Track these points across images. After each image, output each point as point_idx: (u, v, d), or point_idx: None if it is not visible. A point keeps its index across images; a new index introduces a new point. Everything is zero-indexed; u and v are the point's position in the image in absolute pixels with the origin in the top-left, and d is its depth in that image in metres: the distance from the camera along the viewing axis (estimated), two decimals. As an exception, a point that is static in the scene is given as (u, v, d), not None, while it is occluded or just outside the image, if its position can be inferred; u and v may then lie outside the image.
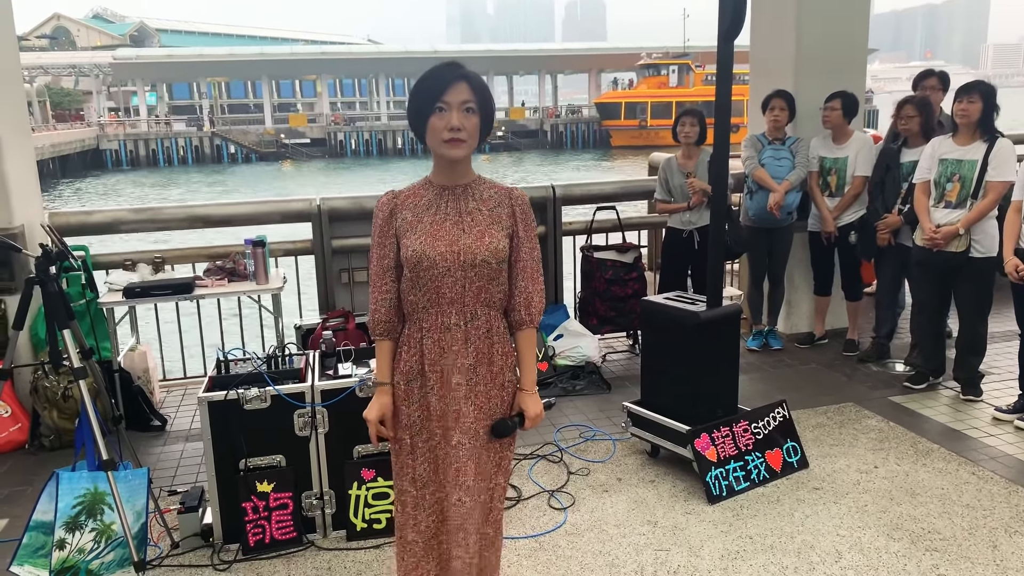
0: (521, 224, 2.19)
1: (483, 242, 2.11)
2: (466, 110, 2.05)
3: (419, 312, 2.16)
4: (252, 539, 3.11)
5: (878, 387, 4.74)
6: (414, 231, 2.12)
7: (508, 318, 2.24)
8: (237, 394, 3.07)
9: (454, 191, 2.16)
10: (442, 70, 2.07)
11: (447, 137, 2.05)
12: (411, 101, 2.10)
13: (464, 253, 2.10)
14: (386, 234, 2.17)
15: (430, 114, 2.05)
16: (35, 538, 2.82)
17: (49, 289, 2.86)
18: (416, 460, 2.23)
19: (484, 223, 2.14)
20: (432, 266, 2.09)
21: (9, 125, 4.28)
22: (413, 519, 2.25)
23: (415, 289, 2.14)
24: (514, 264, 2.20)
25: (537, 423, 2.26)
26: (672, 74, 53.04)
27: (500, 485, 2.29)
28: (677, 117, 5.21)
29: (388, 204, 2.18)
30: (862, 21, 5.49)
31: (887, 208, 4.82)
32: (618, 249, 5.46)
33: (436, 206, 2.15)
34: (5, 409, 4.17)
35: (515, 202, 2.20)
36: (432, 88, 2.04)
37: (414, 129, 2.11)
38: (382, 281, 2.18)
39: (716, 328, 3.63)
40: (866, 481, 3.60)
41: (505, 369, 2.23)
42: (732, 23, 3.34)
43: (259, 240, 4.35)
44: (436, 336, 2.15)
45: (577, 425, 4.32)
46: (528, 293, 2.20)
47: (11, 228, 4.18)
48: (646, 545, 3.14)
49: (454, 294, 2.12)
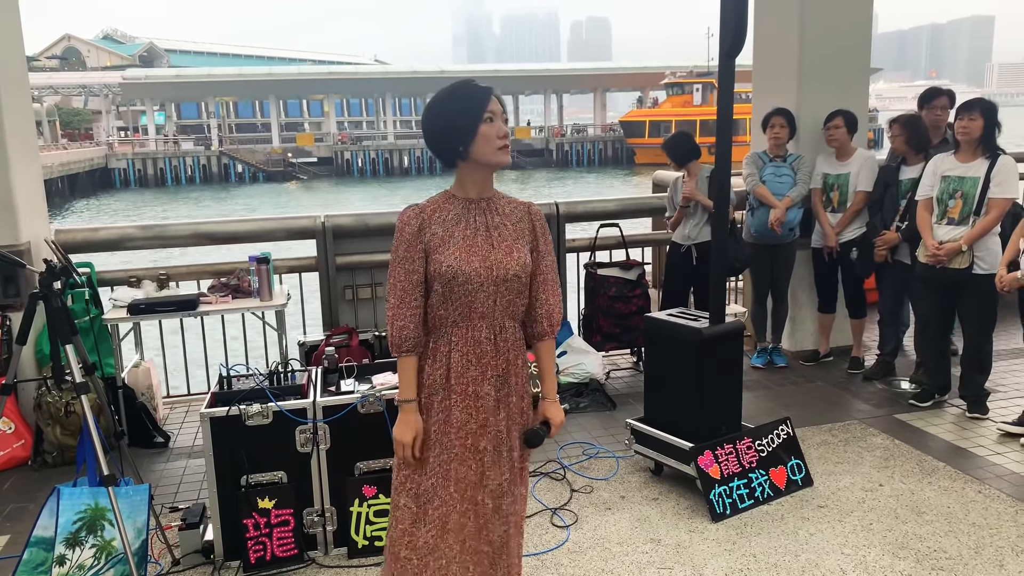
0: (541, 238, 2.25)
1: (512, 257, 2.15)
2: (504, 120, 2.14)
3: (447, 327, 2.17)
4: (253, 556, 3.10)
5: (883, 405, 4.72)
6: (446, 246, 2.13)
7: (528, 329, 2.28)
8: (239, 410, 3.07)
9: (479, 205, 2.19)
10: (475, 86, 2.14)
11: (500, 144, 2.11)
12: (453, 115, 2.10)
13: (496, 268, 2.13)
14: (414, 248, 2.15)
15: (480, 123, 2.08)
16: (35, 554, 2.81)
17: (53, 304, 2.87)
18: (424, 475, 2.22)
19: (511, 238, 2.18)
20: (467, 281, 2.11)
21: (17, 143, 4.32)
22: (410, 535, 2.24)
23: (446, 304, 2.15)
24: (535, 277, 2.24)
25: (559, 430, 2.31)
26: (696, 92, 53.17)
27: (521, 494, 2.32)
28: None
29: (416, 218, 2.16)
30: (864, 39, 5.52)
31: (885, 225, 4.83)
32: (622, 266, 5.46)
33: (465, 220, 2.17)
34: (8, 425, 4.18)
35: (534, 216, 2.26)
36: (479, 99, 2.10)
37: (453, 142, 2.11)
38: (411, 297, 2.16)
39: (719, 344, 3.62)
40: (871, 499, 3.57)
41: (525, 379, 2.28)
42: (734, 41, 3.36)
43: (263, 257, 4.37)
44: (465, 350, 2.16)
45: (580, 442, 4.30)
46: (550, 305, 2.26)
47: (18, 244, 4.21)
48: (649, 563, 3.11)
49: (485, 308, 2.15)
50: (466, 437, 2.19)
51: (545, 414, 2.28)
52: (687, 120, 46.71)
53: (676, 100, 53.96)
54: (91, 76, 61.91)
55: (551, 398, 2.29)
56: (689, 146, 5.15)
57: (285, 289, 4.68)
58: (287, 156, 52.06)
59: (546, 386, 2.30)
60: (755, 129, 5.55)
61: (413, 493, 2.24)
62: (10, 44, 4.35)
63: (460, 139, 2.10)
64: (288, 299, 4.50)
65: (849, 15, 5.40)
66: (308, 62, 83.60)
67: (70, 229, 5.04)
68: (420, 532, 2.23)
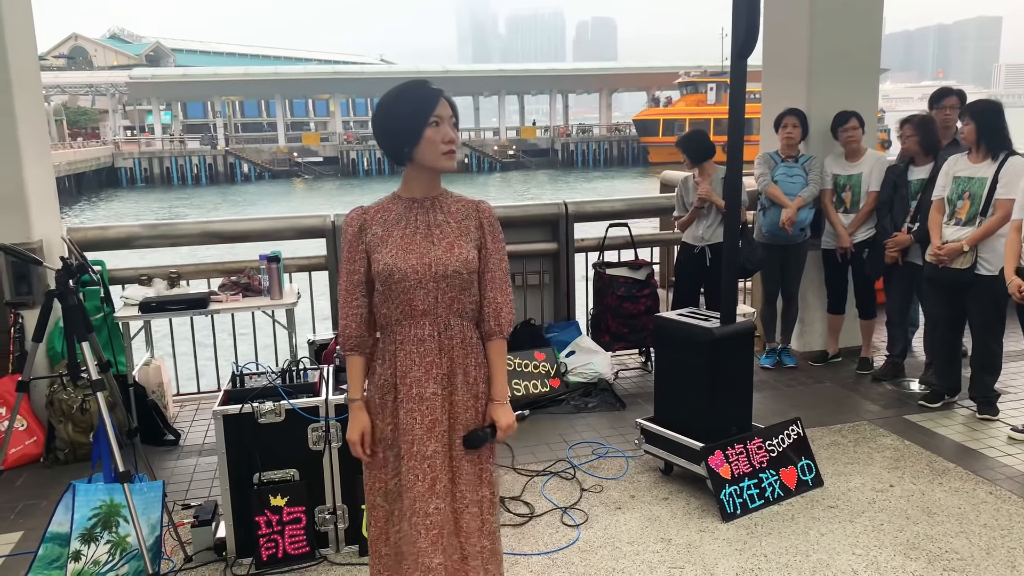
0: (489, 236, 2.24)
1: (453, 253, 2.15)
2: (453, 124, 2.13)
3: (392, 325, 2.19)
4: (265, 553, 3.11)
5: (892, 406, 4.71)
6: (384, 245, 2.15)
7: (479, 329, 2.27)
8: (252, 408, 3.08)
9: (423, 204, 2.20)
10: (424, 87, 2.14)
11: (445, 149, 2.12)
12: (399, 117, 2.12)
13: (435, 265, 2.13)
14: (356, 249, 2.19)
15: (425, 127, 2.08)
16: (51, 550, 2.83)
17: (69, 302, 2.89)
18: (388, 474, 2.24)
19: (453, 235, 2.18)
20: (404, 279, 2.12)
21: (30, 142, 4.34)
22: (385, 533, 2.26)
23: (387, 302, 2.17)
24: (483, 275, 2.23)
25: (509, 434, 2.27)
26: (710, 91, 53.10)
27: (487, 497, 2.28)
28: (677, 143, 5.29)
29: (357, 220, 2.21)
30: (874, 39, 5.52)
31: (896, 226, 4.82)
32: (630, 266, 5.47)
33: (406, 220, 2.18)
34: (21, 422, 4.20)
35: (482, 214, 2.24)
36: (426, 102, 2.10)
37: (398, 144, 2.13)
38: (352, 296, 2.21)
39: (730, 344, 3.62)
40: (882, 500, 3.57)
41: (479, 380, 2.25)
42: (745, 40, 3.36)
43: (274, 256, 4.38)
44: (409, 348, 2.17)
45: (590, 442, 4.30)
46: (497, 304, 2.24)
47: (30, 243, 4.23)
48: (660, 563, 3.12)
49: (427, 306, 2.15)
50: (412, 443, 2.17)
51: (492, 416, 2.25)
52: (701, 119, 46.55)
53: (690, 99, 53.91)
54: (98, 75, 62.13)
55: (499, 400, 2.26)
56: (705, 145, 5.15)
57: (295, 288, 4.70)
58: (293, 155, 52.15)
59: (495, 388, 2.26)
60: (765, 129, 5.55)
61: (383, 491, 2.26)
62: (23, 46, 4.37)
63: (405, 141, 2.12)
64: (298, 298, 4.52)
65: (859, 15, 5.39)
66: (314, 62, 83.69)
67: (81, 228, 5.07)
68: (392, 531, 2.24)
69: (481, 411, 2.26)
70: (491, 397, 2.26)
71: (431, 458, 2.17)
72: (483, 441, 2.22)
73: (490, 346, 2.27)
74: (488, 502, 2.29)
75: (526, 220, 5.55)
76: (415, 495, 2.16)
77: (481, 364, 2.26)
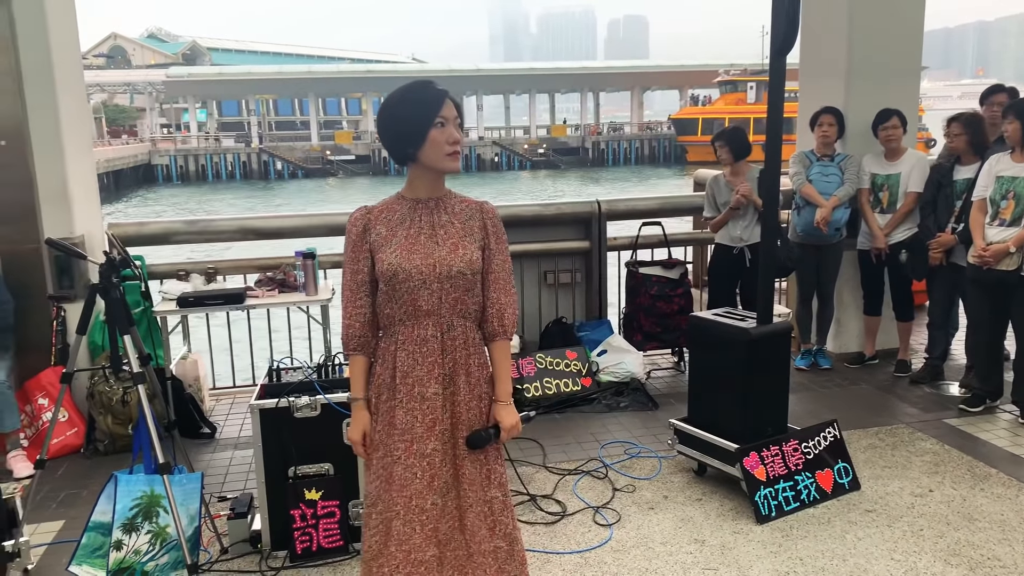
0: (492, 236, 2.23)
1: (457, 254, 2.15)
2: (457, 125, 2.13)
3: (395, 325, 2.19)
4: (299, 546, 3.14)
5: (932, 409, 4.63)
6: (389, 245, 2.15)
7: (482, 330, 2.26)
8: (288, 402, 3.11)
9: (427, 205, 2.20)
10: (430, 88, 2.13)
11: (450, 151, 2.12)
12: (404, 117, 2.11)
13: (439, 265, 2.13)
14: (360, 249, 2.20)
15: (430, 128, 2.08)
16: (93, 539, 2.89)
17: (112, 296, 2.94)
18: (368, 479, 2.25)
19: (457, 235, 2.18)
20: (408, 279, 2.12)
21: (73, 140, 4.43)
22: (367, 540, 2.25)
23: (391, 302, 2.17)
24: (486, 276, 2.23)
25: (513, 434, 2.25)
26: (750, 90, 52.49)
27: (497, 498, 2.26)
28: (712, 141, 5.22)
29: (361, 219, 2.22)
30: (915, 37, 5.41)
31: (940, 227, 4.72)
32: (664, 265, 5.43)
33: (410, 220, 2.18)
34: (63, 413, 4.28)
35: (486, 215, 2.24)
36: (431, 103, 2.09)
37: (402, 145, 2.12)
38: (356, 296, 2.21)
39: (766, 345, 3.58)
40: (921, 505, 3.51)
41: (482, 380, 2.24)
42: (785, 37, 3.32)
43: (309, 252, 4.42)
44: (411, 348, 2.17)
45: (622, 442, 4.28)
46: (501, 305, 2.23)
47: (72, 238, 4.31)
48: (693, 564, 3.09)
49: (430, 306, 2.15)
50: (411, 442, 2.16)
51: (496, 417, 2.24)
52: (741, 118, 45.94)
53: (729, 98, 53.29)
54: (136, 74, 63.30)
55: (503, 401, 2.24)
56: (746, 141, 5.09)
57: (330, 284, 4.73)
58: (326, 154, 52.60)
59: (499, 388, 2.25)
60: (801, 128, 5.48)
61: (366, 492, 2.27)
62: (66, 46, 4.47)
63: (409, 142, 2.11)
64: (333, 294, 4.55)
65: (900, 13, 5.30)
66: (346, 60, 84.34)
67: (120, 223, 5.15)
68: (367, 535, 2.23)
69: (485, 411, 2.25)
70: (495, 398, 2.26)
71: (430, 456, 2.16)
72: (486, 441, 2.21)
73: (494, 347, 2.26)
74: (500, 503, 2.26)
75: (558, 218, 5.54)
76: (412, 492, 2.15)
77: (484, 364, 2.25)
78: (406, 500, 2.16)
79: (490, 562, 2.23)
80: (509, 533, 2.28)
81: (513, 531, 2.30)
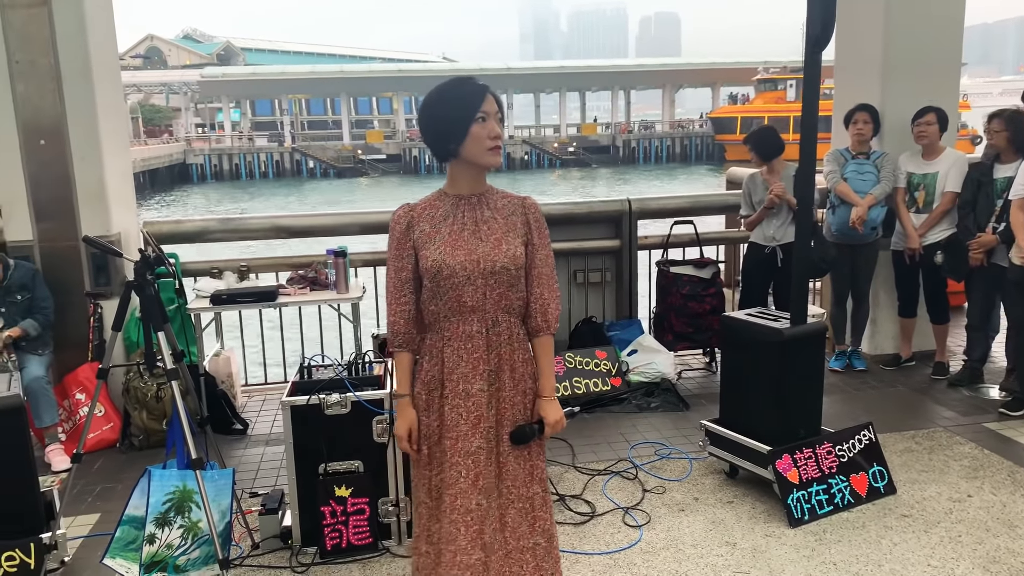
0: (535, 231, 2.23)
1: (501, 249, 2.15)
2: (499, 120, 2.12)
3: (441, 322, 2.18)
4: (329, 543, 3.16)
5: (971, 413, 4.53)
6: (432, 242, 2.15)
7: (526, 325, 2.25)
8: (319, 399, 3.13)
9: (469, 201, 2.20)
10: (471, 83, 2.13)
11: (491, 145, 2.11)
12: (444, 113, 2.11)
13: (483, 261, 2.13)
14: (403, 247, 2.20)
15: (471, 123, 2.08)
16: (127, 532, 2.93)
17: (146, 293, 2.98)
18: (432, 471, 2.24)
19: (500, 231, 2.17)
20: (452, 275, 2.12)
21: (110, 139, 4.51)
22: (427, 530, 2.25)
23: (436, 299, 2.17)
24: (530, 271, 2.22)
25: (557, 430, 2.25)
26: (790, 88, 51.72)
27: (538, 494, 2.26)
28: (743, 141, 5.15)
29: (405, 217, 2.22)
30: (955, 32, 5.29)
31: (979, 227, 4.61)
32: (695, 264, 5.38)
33: (453, 216, 2.18)
34: (99, 409, 4.36)
35: (528, 210, 2.24)
36: (472, 98, 2.09)
37: (444, 141, 2.12)
38: (400, 293, 2.21)
39: (800, 346, 3.53)
40: (959, 510, 3.43)
41: (526, 376, 2.24)
42: (822, 33, 3.27)
43: (341, 250, 4.44)
44: (457, 344, 2.17)
45: (652, 442, 4.25)
46: (544, 300, 2.23)
47: (109, 236, 4.39)
48: (724, 567, 3.06)
49: (475, 302, 2.15)
50: (456, 440, 2.17)
51: (540, 412, 2.24)
52: (780, 116, 45.23)
53: (768, 96, 52.55)
54: (172, 75, 64.32)
55: (547, 396, 2.24)
56: (774, 141, 5.01)
57: (360, 282, 4.76)
58: (357, 153, 53.01)
59: (543, 384, 2.25)
60: (836, 125, 5.39)
61: (427, 488, 2.25)
62: (105, 47, 4.54)
63: (451, 138, 2.11)
64: (363, 292, 4.57)
65: (938, 8, 5.19)
66: (378, 60, 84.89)
67: (155, 221, 5.23)
68: (435, 527, 2.24)
69: (529, 407, 2.25)
70: (539, 393, 2.26)
71: (475, 454, 2.17)
72: (530, 437, 2.22)
73: (537, 342, 2.26)
74: (540, 499, 2.27)
75: (589, 216, 5.51)
76: (457, 491, 2.16)
77: (528, 360, 2.25)
78: (452, 499, 2.17)
79: (528, 559, 2.23)
80: (547, 530, 2.28)
81: (551, 528, 2.30)
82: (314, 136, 60.20)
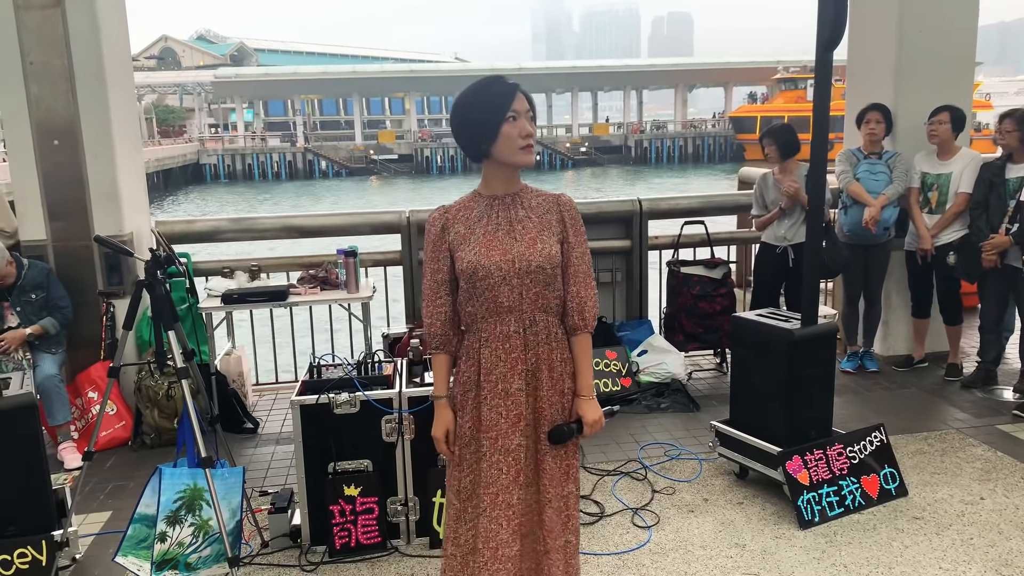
0: (571, 229, 2.21)
1: (536, 248, 2.13)
2: (530, 119, 2.11)
3: (478, 322, 2.18)
4: (338, 542, 3.17)
5: (984, 414, 4.49)
6: (467, 243, 2.15)
7: (563, 324, 2.24)
8: (328, 398, 3.14)
9: (503, 201, 2.19)
10: (501, 83, 2.12)
11: (523, 144, 2.10)
12: (475, 114, 2.10)
13: (519, 260, 2.12)
14: (439, 248, 2.19)
15: (502, 123, 2.07)
16: (138, 530, 2.95)
17: (157, 292, 3.00)
18: (462, 472, 2.24)
19: (535, 230, 2.16)
20: (488, 275, 2.11)
21: (123, 140, 4.54)
22: (455, 532, 2.25)
23: (472, 300, 2.16)
24: (566, 270, 2.21)
25: (596, 429, 2.24)
26: (810, 88, 51.45)
27: (572, 493, 2.27)
28: (760, 138, 5.11)
29: (440, 219, 2.20)
30: (969, 31, 5.25)
31: (992, 228, 4.57)
32: (706, 264, 5.35)
33: (487, 217, 2.17)
34: (111, 407, 4.39)
35: (563, 208, 2.22)
36: (503, 98, 2.08)
37: (475, 142, 2.11)
38: (436, 295, 2.21)
39: (811, 347, 3.51)
40: (971, 513, 3.40)
41: (564, 375, 2.23)
42: (832, 32, 3.25)
43: (351, 250, 4.46)
44: (494, 345, 2.16)
45: (662, 443, 4.24)
46: (581, 298, 2.21)
47: (121, 235, 4.42)
48: (734, 568, 3.04)
49: (511, 302, 2.13)
50: (496, 438, 2.16)
51: (578, 412, 2.23)
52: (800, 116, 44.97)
53: (788, 95, 52.27)
54: (185, 75, 64.73)
55: (585, 395, 2.23)
56: (794, 140, 4.97)
57: (371, 282, 4.77)
58: (369, 153, 53.17)
59: (581, 383, 2.24)
60: (848, 125, 5.35)
61: (456, 490, 2.25)
62: (119, 50, 4.58)
63: (483, 138, 2.10)
64: (374, 292, 4.58)
65: (952, 5, 5.14)
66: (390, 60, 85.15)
67: (168, 221, 5.26)
68: (462, 529, 2.23)
69: (567, 406, 2.24)
70: (577, 392, 2.24)
71: (515, 451, 2.16)
72: (569, 436, 2.21)
73: (575, 341, 2.24)
74: (574, 498, 2.28)
75: (599, 217, 5.50)
76: (498, 488, 2.16)
77: (566, 359, 2.23)
78: (492, 496, 2.16)
79: (560, 558, 2.24)
80: (576, 527, 2.30)
81: (578, 525, 2.32)
82: (326, 136, 60.44)
